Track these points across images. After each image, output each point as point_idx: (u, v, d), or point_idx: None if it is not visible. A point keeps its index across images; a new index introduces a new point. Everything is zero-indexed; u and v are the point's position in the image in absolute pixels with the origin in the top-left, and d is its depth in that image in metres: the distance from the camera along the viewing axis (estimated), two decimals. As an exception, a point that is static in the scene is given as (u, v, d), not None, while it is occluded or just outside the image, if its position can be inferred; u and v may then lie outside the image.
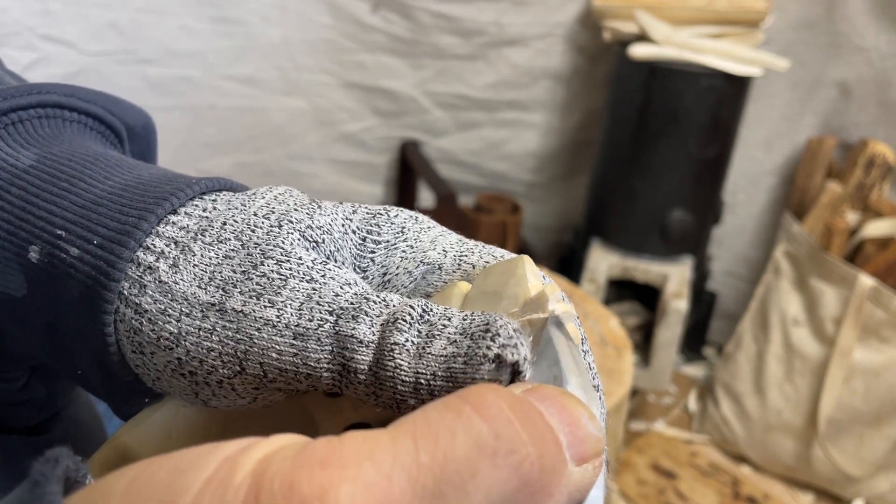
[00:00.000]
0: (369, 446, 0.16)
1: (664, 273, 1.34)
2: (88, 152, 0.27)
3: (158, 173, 0.26)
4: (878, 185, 1.26)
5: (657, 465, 1.32)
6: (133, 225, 0.23)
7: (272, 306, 0.22)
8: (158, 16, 1.24)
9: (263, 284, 0.22)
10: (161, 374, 0.23)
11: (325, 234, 0.24)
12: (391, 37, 1.42)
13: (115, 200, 0.24)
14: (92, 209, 0.24)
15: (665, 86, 1.24)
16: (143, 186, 0.25)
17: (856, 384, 1.21)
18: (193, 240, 0.23)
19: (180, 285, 0.22)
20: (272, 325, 0.21)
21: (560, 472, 0.17)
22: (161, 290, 0.23)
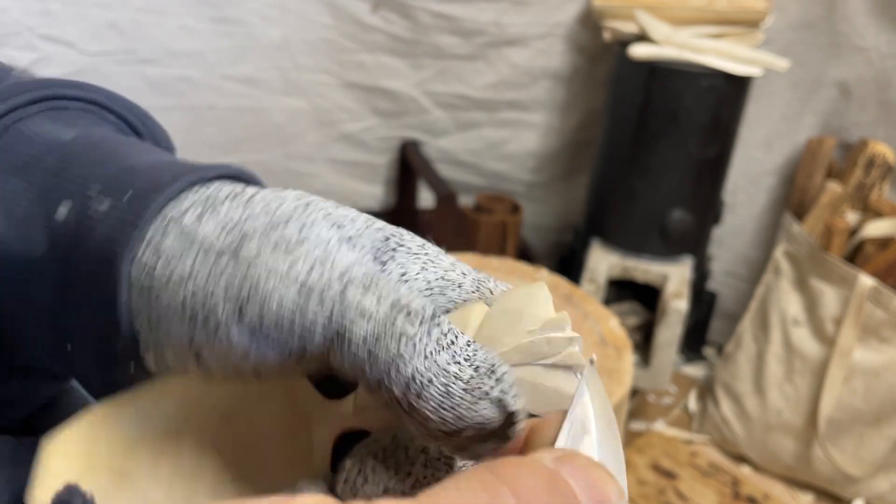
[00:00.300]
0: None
1: (664, 273, 1.34)
2: (124, 139, 0.28)
3: (179, 160, 0.27)
4: (878, 185, 1.26)
5: (657, 465, 1.32)
6: (166, 183, 0.24)
7: (284, 259, 0.22)
8: (158, 16, 1.24)
9: (280, 241, 0.22)
10: (160, 322, 0.23)
11: (348, 220, 0.24)
12: (391, 37, 1.42)
13: (148, 170, 0.25)
14: (127, 172, 0.25)
15: (665, 86, 1.24)
16: (178, 163, 0.26)
17: (856, 384, 1.21)
18: (222, 202, 0.24)
19: (201, 232, 0.23)
20: (280, 276, 0.22)
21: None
22: (182, 235, 0.23)
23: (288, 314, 0.22)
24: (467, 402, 0.20)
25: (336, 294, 0.21)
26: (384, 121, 1.51)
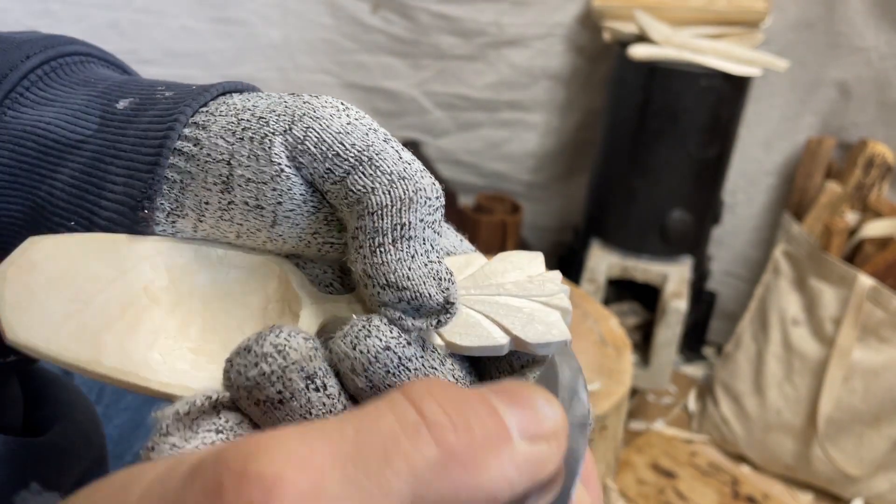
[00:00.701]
0: (302, 427, 0.17)
1: (664, 273, 1.34)
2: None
3: None
4: (877, 185, 1.27)
5: (657, 464, 1.32)
6: (217, 86, 0.29)
7: (334, 110, 0.26)
8: (158, 16, 1.24)
9: (332, 100, 0.27)
10: (197, 160, 0.26)
11: None
12: (391, 37, 1.42)
13: (189, 84, 0.30)
14: (177, 83, 0.30)
15: (665, 86, 1.24)
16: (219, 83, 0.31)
17: (855, 384, 1.21)
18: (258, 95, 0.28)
19: (256, 95, 0.28)
20: (336, 109, 0.26)
21: (498, 447, 0.18)
22: (238, 99, 0.28)
23: (332, 134, 0.25)
24: (421, 273, 0.24)
25: (380, 136, 0.26)
26: (384, 121, 1.51)
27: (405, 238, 0.24)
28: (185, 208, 0.27)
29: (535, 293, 0.26)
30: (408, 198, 0.24)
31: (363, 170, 0.25)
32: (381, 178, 0.25)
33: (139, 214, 0.27)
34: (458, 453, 0.18)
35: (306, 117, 0.25)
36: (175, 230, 0.27)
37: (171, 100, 0.28)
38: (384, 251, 0.24)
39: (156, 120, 0.28)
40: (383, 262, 0.24)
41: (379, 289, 0.24)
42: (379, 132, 0.26)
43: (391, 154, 0.25)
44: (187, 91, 0.29)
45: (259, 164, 0.26)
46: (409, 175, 0.25)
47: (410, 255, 0.24)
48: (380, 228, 0.24)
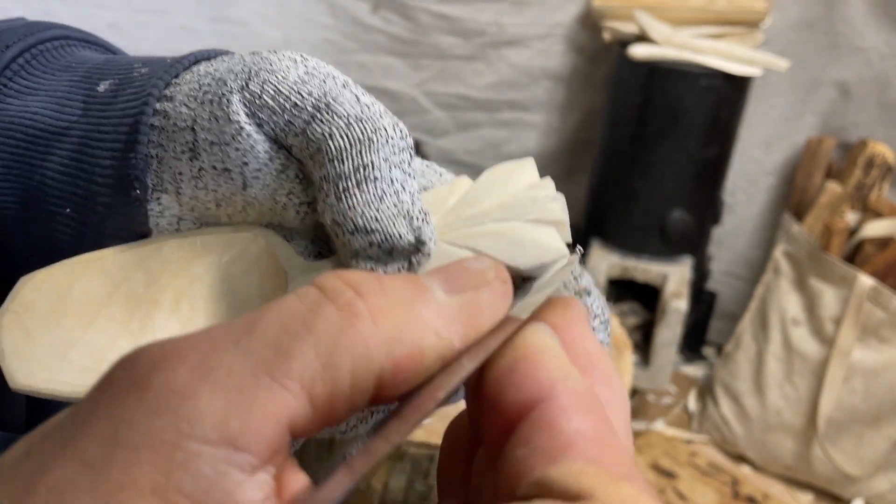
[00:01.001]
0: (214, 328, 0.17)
1: (664, 273, 1.34)
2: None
3: None
4: (877, 185, 1.27)
5: (657, 464, 1.32)
6: (190, 57, 0.28)
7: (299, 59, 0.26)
8: (158, 16, 1.24)
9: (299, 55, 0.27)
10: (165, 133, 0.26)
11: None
12: (391, 37, 1.42)
13: (167, 58, 0.30)
14: (156, 57, 0.30)
15: (665, 86, 1.24)
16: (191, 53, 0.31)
17: (855, 384, 1.21)
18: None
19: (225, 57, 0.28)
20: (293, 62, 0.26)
21: (413, 300, 0.18)
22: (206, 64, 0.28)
23: (289, 85, 0.25)
24: (390, 213, 0.23)
25: (338, 82, 0.25)
26: (384, 121, 1.51)
27: (369, 180, 0.24)
28: (163, 182, 0.27)
29: (522, 211, 0.24)
30: (367, 138, 0.24)
31: (321, 117, 0.24)
32: (337, 123, 0.24)
33: (132, 195, 0.27)
34: (362, 311, 0.17)
35: (263, 72, 0.25)
36: (161, 207, 0.27)
37: (145, 76, 0.28)
38: (349, 195, 0.24)
39: (132, 98, 0.28)
40: (350, 207, 0.24)
41: (349, 236, 0.24)
42: (338, 79, 0.25)
43: (348, 97, 0.24)
44: (161, 65, 0.28)
45: (219, 124, 0.25)
46: (367, 116, 0.24)
47: (378, 197, 0.24)
48: (342, 173, 0.24)
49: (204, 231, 0.27)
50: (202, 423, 0.15)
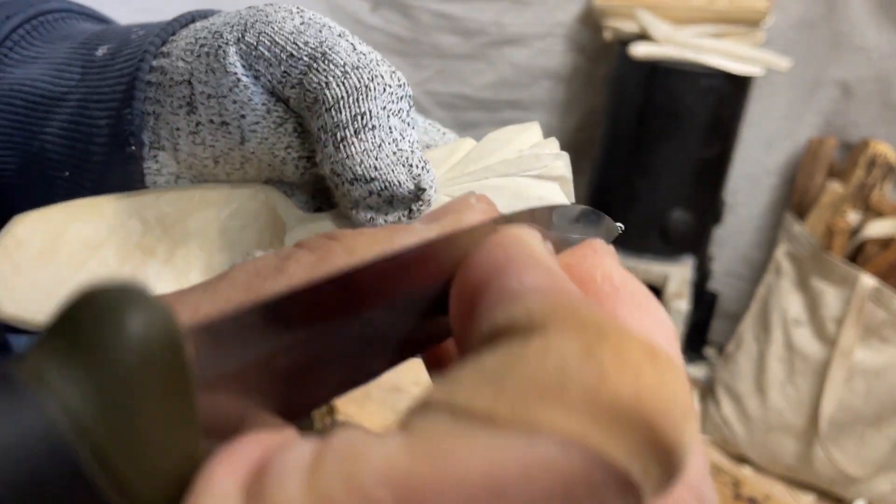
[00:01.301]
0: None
1: (665, 273, 1.34)
2: None
3: None
4: (879, 184, 1.26)
5: (658, 465, 1.32)
6: (181, 16, 0.29)
7: (296, 10, 0.26)
8: (159, 16, 1.23)
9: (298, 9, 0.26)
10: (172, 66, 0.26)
11: None
12: (391, 36, 1.42)
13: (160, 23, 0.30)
14: (152, 24, 0.30)
15: (666, 85, 1.23)
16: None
17: (857, 384, 1.21)
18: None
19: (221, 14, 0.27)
20: (290, 13, 0.26)
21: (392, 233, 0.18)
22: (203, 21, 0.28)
23: (285, 36, 0.24)
24: (389, 161, 0.23)
25: (334, 32, 0.25)
26: (384, 120, 1.51)
27: (367, 128, 0.23)
28: (161, 139, 0.27)
29: (526, 167, 0.24)
30: (363, 86, 0.23)
31: (317, 66, 0.24)
32: (333, 71, 0.24)
33: (126, 151, 0.27)
34: (336, 248, 0.17)
35: (258, 23, 0.25)
36: (159, 165, 0.27)
37: (141, 37, 0.28)
38: (348, 144, 0.23)
39: (129, 57, 0.28)
40: (348, 156, 0.23)
41: (348, 185, 0.24)
42: (334, 28, 0.25)
43: (345, 46, 0.24)
44: (157, 25, 0.29)
45: (216, 77, 0.25)
46: (363, 64, 0.24)
47: (376, 145, 0.23)
48: (339, 122, 0.23)
49: (203, 186, 0.27)
50: None
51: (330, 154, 0.24)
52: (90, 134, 0.28)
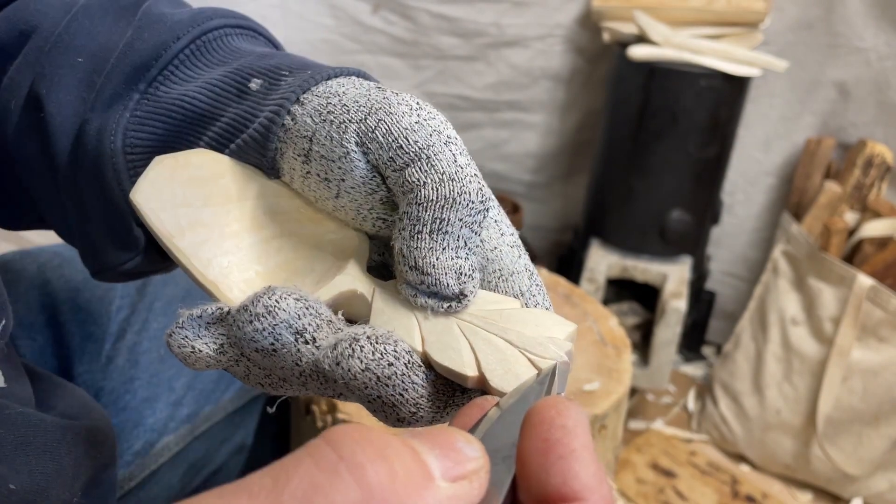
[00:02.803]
0: (222, 488, 0.18)
1: (663, 273, 1.35)
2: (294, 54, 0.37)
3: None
4: (876, 185, 1.27)
5: (656, 464, 1.32)
6: (339, 70, 0.33)
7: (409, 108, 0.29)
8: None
9: (415, 98, 0.30)
10: (302, 119, 0.31)
11: None
12: (391, 38, 1.43)
13: (317, 64, 0.35)
14: (307, 64, 0.35)
15: (664, 86, 1.24)
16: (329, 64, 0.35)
17: (854, 383, 1.22)
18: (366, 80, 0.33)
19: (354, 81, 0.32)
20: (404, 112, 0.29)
21: (421, 488, 0.19)
22: (344, 80, 0.33)
23: (400, 129, 0.28)
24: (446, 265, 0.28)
25: (442, 138, 0.28)
26: (384, 121, 1.51)
27: (441, 231, 0.27)
28: (282, 171, 0.32)
29: (530, 348, 0.27)
30: (452, 198, 0.27)
31: (420, 165, 0.28)
32: (433, 176, 0.27)
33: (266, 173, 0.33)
34: (379, 493, 0.18)
35: (381, 111, 0.29)
36: None
37: (289, 85, 0.33)
38: (420, 238, 0.27)
39: (276, 102, 0.32)
40: (417, 248, 0.28)
41: (407, 269, 0.28)
42: (443, 134, 0.29)
43: (447, 156, 0.28)
44: (302, 75, 0.33)
45: (332, 144, 0.29)
46: (458, 178, 0.28)
47: (441, 248, 0.27)
48: (422, 218, 0.27)
49: (326, 211, 0.32)
50: None
51: (404, 237, 0.28)
52: (235, 154, 0.33)
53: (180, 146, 0.34)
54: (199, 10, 0.38)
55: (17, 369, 0.39)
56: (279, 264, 0.31)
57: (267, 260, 0.30)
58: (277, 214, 0.31)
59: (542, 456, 0.21)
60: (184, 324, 0.28)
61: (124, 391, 0.61)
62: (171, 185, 0.30)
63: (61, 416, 0.39)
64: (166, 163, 0.31)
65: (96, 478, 0.41)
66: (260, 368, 0.28)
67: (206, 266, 0.29)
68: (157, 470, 0.62)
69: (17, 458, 0.34)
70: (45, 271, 0.61)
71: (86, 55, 0.37)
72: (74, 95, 0.37)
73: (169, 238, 0.29)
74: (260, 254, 0.30)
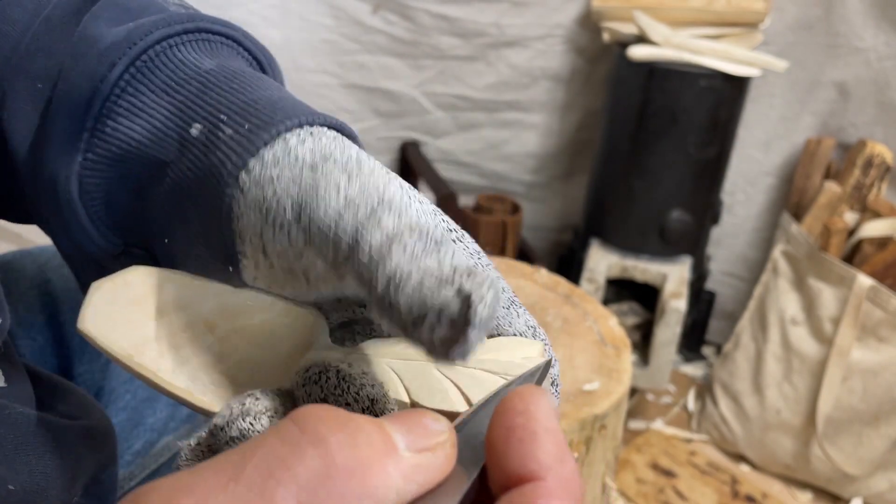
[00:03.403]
0: (195, 466, 0.19)
1: (663, 273, 1.35)
2: (256, 73, 0.34)
3: (298, 100, 0.32)
4: (876, 185, 1.27)
5: (656, 463, 1.32)
6: (279, 120, 0.29)
7: (348, 177, 0.27)
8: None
9: (355, 165, 0.27)
10: (245, 214, 0.28)
11: (422, 197, 0.28)
12: (392, 38, 1.43)
13: (268, 106, 0.30)
14: (251, 105, 0.30)
15: (664, 86, 1.24)
16: (289, 102, 0.31)
17: (854, 383, 1.22)
18: (325, 136, 0.29)
19: (298, 149, 0.28)
20: (338, 189, 0.26)
21: (383, 457, 0.20)
22: (282, 149, 0.28)
23: (329, 219, 0.26)
24: (432, 288, 0.23)
25: (368, 210, 0.26)
26: (385, 121, 1.51)
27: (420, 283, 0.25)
28: (245, 253, 0.29)
29: (510, 371, 0.27)
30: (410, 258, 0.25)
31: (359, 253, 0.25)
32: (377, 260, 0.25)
33: (229, 268, 0.30)
34: (341, 464, 0.19)
35: (311, 202, 0.26)
36: (242, 266, 0.30)
37: (225, 150, 0.29)
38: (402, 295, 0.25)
39: (217, 166, 0.29)
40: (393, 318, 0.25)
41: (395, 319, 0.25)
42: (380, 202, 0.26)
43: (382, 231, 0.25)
44: (237, 138, 0.29)
45: (283, 246, 0.27)
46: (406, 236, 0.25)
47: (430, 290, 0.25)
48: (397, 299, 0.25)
49: (274, 294, 0.31)
50: None
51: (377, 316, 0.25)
52: (186, 219, 0.31)
53: (137, 192, 0.33)
54: (136, 26, 0.34)
55: (18, 369, 0.39)
56: (241, 360, 0.30)
57: (228, 358, 0.30)
58: (225, 311, 0.31)
59: (503, 441, 0.21)
60: (187, 456, 0.27)
61: (124, 391, 0.61)
62: (114, 306, 0.30)
63: (62, 417, 0.39)
64: (105, 287, 0.30)
65: (96, 477, 0.41)
66: None
67: (173, 376, 0.29)
68: (157, 470, 0.62)
69: (17, 458, 0.34)
70: (45, 271, 0.61)
71: (45, 80, 0.35)
72: (33, 128, 0.35)
73: (128, 359, 0.29)
74: (220, 353, 0.30)
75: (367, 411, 0.26)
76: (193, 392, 0.29)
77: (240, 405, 0.26)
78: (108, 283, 0.30)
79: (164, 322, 0.30)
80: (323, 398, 0.26)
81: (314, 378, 0.26)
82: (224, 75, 0.32)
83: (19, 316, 0.57)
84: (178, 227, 0.32)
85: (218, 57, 0.34)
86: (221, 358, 0.30)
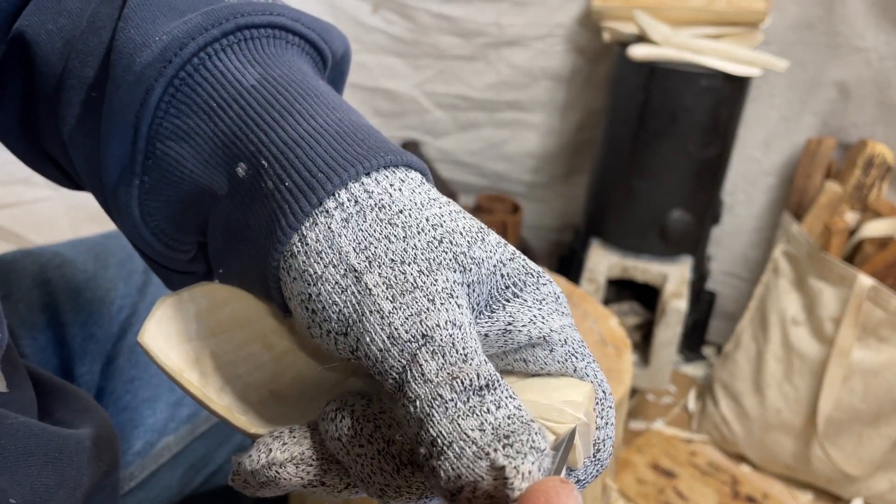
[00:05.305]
0: None
1: (663, 273, 1.35)
2: (303, 83, 0.30)
3: (359, 122, 0.30)
4: (877, 185, 1.27)
5: (656, 464, 1.32)
6: (322, 181, 0.26)
7: (391, 301, 0.25)
8: None
9: (398, 280, 0.25)
10: (292, 298, 0.27)
11: (475, 264, 0.26)
12: (391, 37, 1.43)
13: (316, 143, 0.28)
14: (294, 148, 0.28)
15: (664, 86, 1.24)
16: (344, 135, 0.28)
17: (855, 384, 1.22)
18: (371, 209, 0.26)
19: (341, 240, 0.26)
20: (381, 316, 0.24)
21: None
22: (325, 236, 0.26)
23: (375, 354, 0.24)
24: (470, 460, 0.22)
25: (410, 352, 0.24)
26: (385, 121, 1.51)
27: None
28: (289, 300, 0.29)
29: (546, 415, 0.26)
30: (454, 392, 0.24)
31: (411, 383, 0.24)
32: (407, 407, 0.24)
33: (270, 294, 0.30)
34: None
35: (359, 323, 0.25)
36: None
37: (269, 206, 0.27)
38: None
39: (262, 226, 0.28)
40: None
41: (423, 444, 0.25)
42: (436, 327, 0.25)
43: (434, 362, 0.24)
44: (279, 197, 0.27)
45: (328, 349, 0.27)
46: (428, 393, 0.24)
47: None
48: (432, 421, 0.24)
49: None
50: None
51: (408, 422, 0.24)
52: (238, 258, 0.30)
53: (195, 217, 0.32)
54: (171, 39, 0.30)
55: (21, 374, 0.39)
56: (293, 379, 0.31)
57: (282, 376, 0.31)
58: (283, 330, 0.31)
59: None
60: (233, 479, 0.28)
61: (125, 391, 0.60)
62: (177, 321, 0.30)
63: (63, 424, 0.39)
64: (169, 301, 0.30)
65: (98, 484, 0.41)
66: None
67: (219, 394, 0.29)
68: (157, 470, 0.62)
69: (19, 469, 0.34)
70: (45, 271, 0.60)
71: (97, 88, 0.33)
72: (94, 145, 0.33)
73: (178, 374, 0.29)
74: (273, 372, 0.31)
75: (381, 453, 0.25)
76: (233, 412, 0.29)
77: (266, 452, 0.27)
78: (172, 298, 0.31)
79: (221, 339, 0.30)
80: (338, 437, 0.26)
81: (331, 416, 0.26)
82: (265, 98, 0.29)
83: (20, 316, 0.57)
84: (233, 263, 0.31)
85: (263, 59, 0.31)
86: (275, 376, 0.30)
